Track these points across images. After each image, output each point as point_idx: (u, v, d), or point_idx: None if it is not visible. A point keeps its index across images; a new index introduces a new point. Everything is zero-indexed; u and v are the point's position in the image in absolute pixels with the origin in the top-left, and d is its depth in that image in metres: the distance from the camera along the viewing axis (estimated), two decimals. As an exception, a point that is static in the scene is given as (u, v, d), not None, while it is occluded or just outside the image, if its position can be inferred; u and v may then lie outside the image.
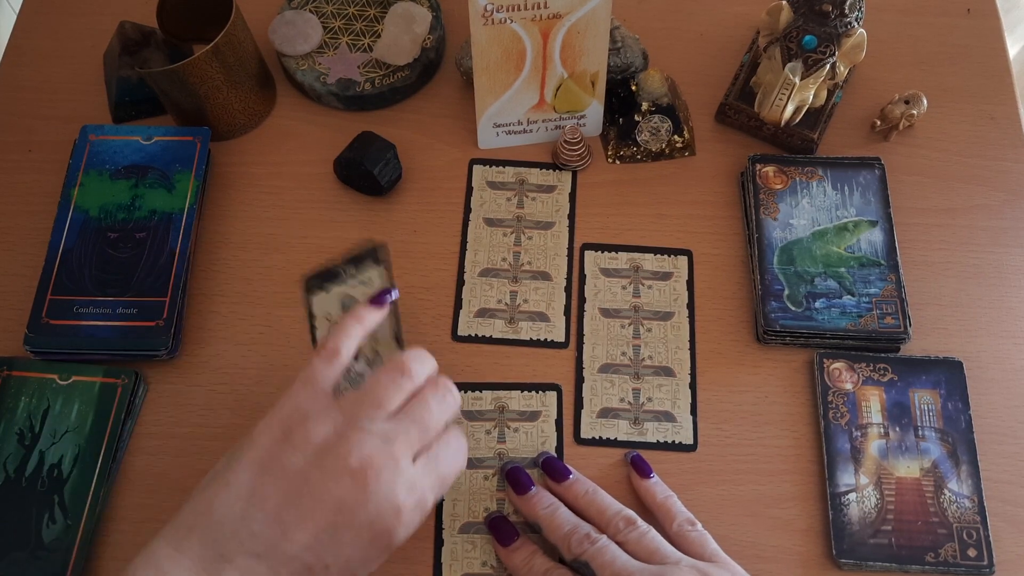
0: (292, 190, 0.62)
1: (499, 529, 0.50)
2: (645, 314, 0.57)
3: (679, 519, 0.49)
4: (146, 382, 0.55)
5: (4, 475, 0.51)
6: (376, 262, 0.48)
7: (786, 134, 0.62)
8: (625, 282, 0.58)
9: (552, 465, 0.51)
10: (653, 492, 0.50)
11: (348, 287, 0.48)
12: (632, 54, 0.63)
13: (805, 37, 0.55)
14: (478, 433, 0.54)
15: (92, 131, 0.61)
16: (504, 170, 0.63)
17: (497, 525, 0.50)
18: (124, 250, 0.57)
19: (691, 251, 0.59)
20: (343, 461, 0.40)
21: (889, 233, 0.58)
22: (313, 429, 0.41)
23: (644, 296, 0.58)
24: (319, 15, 0.66)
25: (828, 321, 0.55)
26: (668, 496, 0.50)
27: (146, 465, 0.53)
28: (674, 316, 0.57)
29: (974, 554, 0.50)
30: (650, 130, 0.61)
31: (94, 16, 0.69)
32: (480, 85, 0.59)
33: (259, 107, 0.63)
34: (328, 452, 0.40)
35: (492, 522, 0.50)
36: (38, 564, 0.49)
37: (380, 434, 0.41)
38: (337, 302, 0.48)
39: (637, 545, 0.46)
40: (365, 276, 0.48)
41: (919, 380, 0.55)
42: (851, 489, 0.52)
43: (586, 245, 0.59)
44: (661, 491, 0.51)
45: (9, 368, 0.54)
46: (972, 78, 0.67)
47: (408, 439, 0.42)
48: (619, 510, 0.48)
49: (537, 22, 0.55)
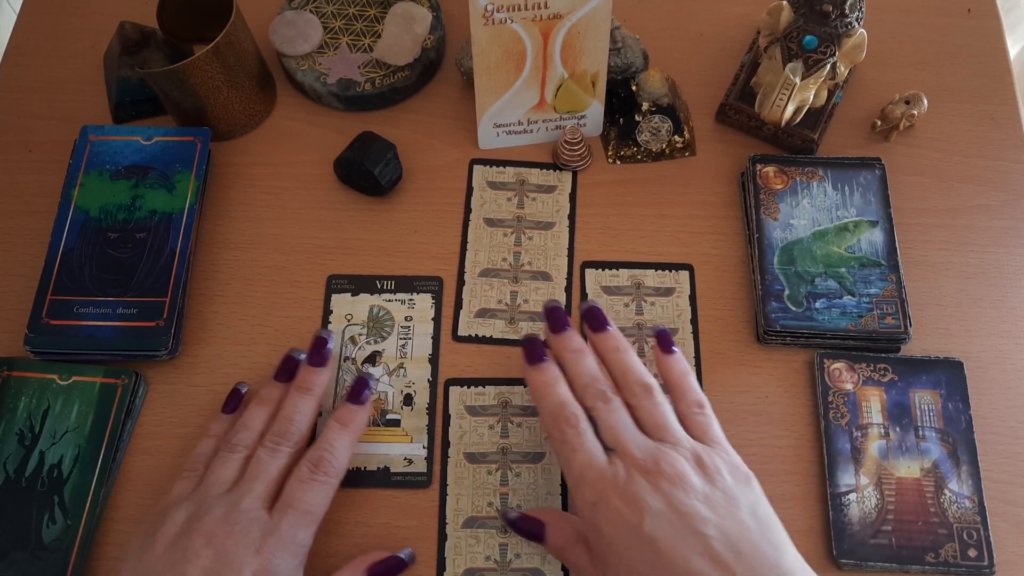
0: (292, 190, 0.62)
1: (530, 347, 0.49)
2: (649, 332, 0.57)
3: (689, 399, 0.48)
4: (146, 382, 0.55)
5: (4, 475, 0.51)
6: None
7: (786, 134, 0.62)
8: (627, 299, 0.58)
9: (594, 314, 0.50)
10: (670, 367, 0.50)
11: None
12: (632, 54, 0.63)
13: (805, 37, 0.55)
14: (481, 428, 0.54)
15: (92, 131, 0.61)
16: (504, 170, 0.63)
17: (530, 343, 0.50)
18: (124, 250, 0.57)
19: (692, 265, 0.59)
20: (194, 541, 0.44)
21: (889, 233, 0.58)
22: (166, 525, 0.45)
23: (647, 313, 0.58)
24: (319, 15, 0.66)
25: (828, 321, 0.55)
26: (685, 374, 0.50)
27: (146, 465, 0.53)
28: (679, 332, 0.57)
29: (974, 554, 0.50)
30: (650, 130, 0.61)
31: (94, 16, 0.69)
32: (480, 85, 0.59)
33: (259, 107, 0.63)
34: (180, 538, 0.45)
35: (526, 340, 0.50)
36: (38, 564, 0.49)
37: (224, 505, 0.45)
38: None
39: (647, 415, 0.47)
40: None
41: (919, 380, 0.55)
42: (851, 489, 0.52)
43: (586, 263, 0.59)
44: (680, 368, 0.50)
45: (9, 368, 0.54)
46: (972, 78, 0.67)
47: (252, 496, 0.46)
48: (641, 376, 0.48)
49: (537, 22, 0.55)
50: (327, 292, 0.58)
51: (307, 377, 0.52)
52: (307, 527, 0.46)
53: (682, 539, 0.42)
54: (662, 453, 0.45)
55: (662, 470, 0.44)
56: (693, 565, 0.41)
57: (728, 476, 0.44)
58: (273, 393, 0.52)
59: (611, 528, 0.43)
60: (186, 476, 0.49)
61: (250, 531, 0.44)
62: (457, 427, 0.54)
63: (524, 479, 0.53)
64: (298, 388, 0.51)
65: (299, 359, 0.53)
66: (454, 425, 0.54)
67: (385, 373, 0.55)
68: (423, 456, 0.53)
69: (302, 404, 0.50)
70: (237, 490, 0.47)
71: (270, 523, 0.45)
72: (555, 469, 0.53)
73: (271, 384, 0.52)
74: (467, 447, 0.53)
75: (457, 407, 0.55)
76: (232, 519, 0.45)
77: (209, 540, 0.44)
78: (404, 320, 0.57)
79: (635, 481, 0.44)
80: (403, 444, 0.53)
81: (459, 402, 0.55)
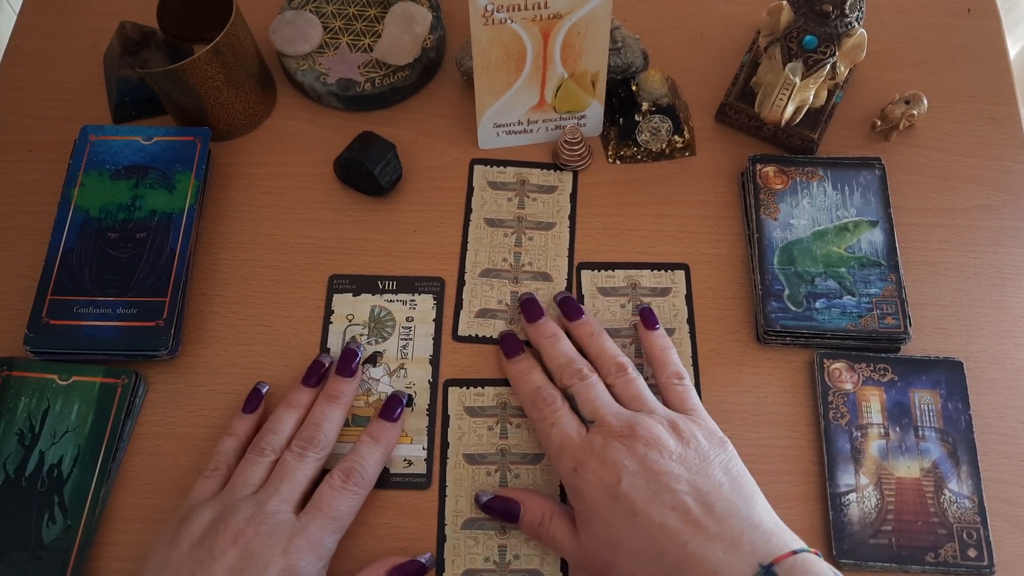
0: (292, 190, 0.62)
1: (507, 342, 0.54)
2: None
3: (668, 371, 0.52)
4: (146, 382, 0.55)
5: (4, 475, 0.51)
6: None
7: (786, 134, 0.62)
8: (624, 300, 0.58)
9: (568, 304, 0.55)
10: (653, 342, 0.53)
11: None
12: (632, 54, 0.63)
13: (805, 37, 0.55)
14: (480, 429, 0.54)
15: (92, 131, 0.61)
16: (505, 170, 0.63)
17: (507, 339, 0.55)
18: (124, 250, 0.57)
19: (688, 265, 0.59)
20: (221, 539, 0.45)
21: (889, 233, 0.58)
22: (192, 524, 0.46)
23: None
24: (319, 15, 0.66)
25: (828, 321, 0.55)
26: (666, 348, 0.53)
27: (146, 465, 0.53)
28: (675, 332, 0.57)
29: (974, 554, 0.50)
30: (650, 130, 0.61)
31: (94, 16, 0.69)
32: (480, 85, 0.59)
33: (259, 107, 0.63)
34: (207, 537, 0.45)
35: (503, 336, 0.55)
36: (38, 564, 0.49)
37: (251, 507, 0.46)
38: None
39: (622, 390, 0.50)
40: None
41: (919, 380, 0.55)
42: (851, 489, 0.52)
43: (582, 264, 0.59)
44: (661, 343, 0.53)
45: (9, 368, 0.54)
46: (972, 78, 0.67)
47: (279, 498, 0.47)
48: (615, 355, 0.52)
49: (537, 22, 0.55)
50: (328, 292, 0.58)
51: (336, 387, 0.52)
52: (334, 533, 0.47)
53: (656, 495, 0.44)
54: (638, 419, 0.47)
55: (637, 434, 0.46)
56: (666, 519, 0.43)
57: (703, 439, 0.47)
58: (301, 398, 0.52)
59: (591, 491, 0.46)
60: (209, 475, 0.50)
61: (277, 531, 0.45)
62: (456, 428, 0.54)
63: (523, 480, 0.53)
64: (327, 396, 0.52)
65: (326, 364, 0.54)
66: (453, 426, 0.54)
67: (386, 374, 0.55)
68: (423, 457, 0.53)
69: (331, 412, 0.51)
70: (264, 492, 0.47)
71: (298, 524, 0.46)
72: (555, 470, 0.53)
73: (299, 388, 0.53)
74: (466, 448, 0.53)
75: (456, 408, 0.55)
76: (259, 519, 0.45)
77: (236, 539, 0.44)
78: (405, 321, 0.57)
79: (612, 446, 0.46)
80: (403, 445, 0.53)
81: (458, 403, 0.55)
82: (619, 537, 0.44)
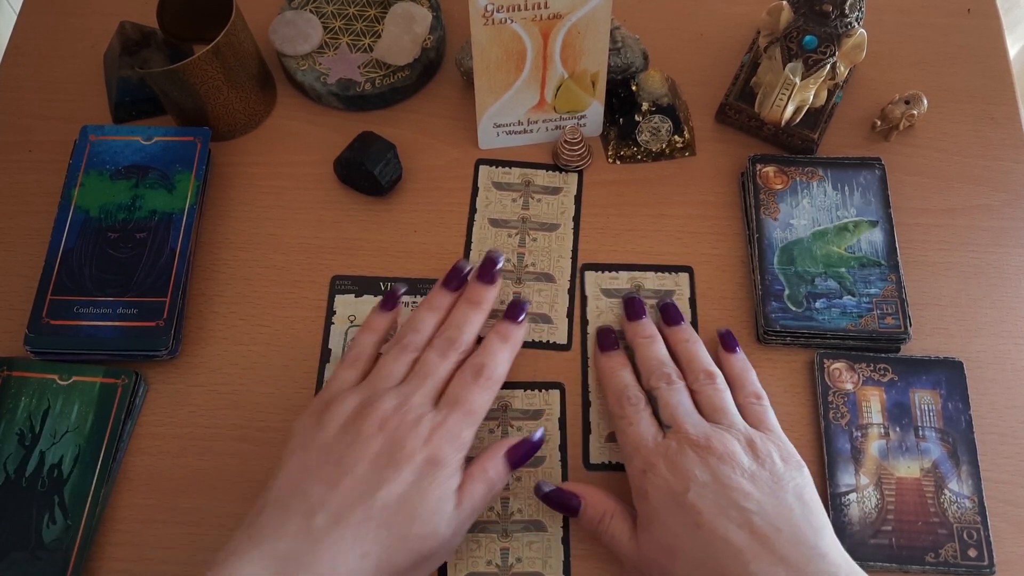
0: (292, 190, 0.62)
1: (604, 337, 0.55)
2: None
3: (748, 390, 0.52)
4: (146, 382, 0.55)
5: (4, 475, 0.51)
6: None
7: (786, 134, 0.62)
8: None
9: (668, 310, 0.56)
10: (732, 363, 0.54)
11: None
12: (632, 54, 0.63)
13: (805, 37, 0.55)
14: (482, 432, 0.54)
15: (92, 131, 0.61)
16: (510, 171, 0.63)
17: (603, 333, 0.56)
18: (124, 250, 0.57)
19: (692, 267, 0.59)
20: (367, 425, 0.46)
21: (889, 233, 0.58)
22: (337, 409, 0.47)
23: (649, 316, 0.57)
24: (319, 15, 0.66)
25: (828, 321, 0.55)
26: (746, 370, 0.53)
27: (146, 465, 0.53)
28: None
29: (974, 554, 0.50)
30: (650, 130, 0.61)
31: (94, 16, 0.69)
32: (480, 85, 0.59)
33: (259, 107, 0.63)
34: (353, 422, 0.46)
35: (600, 330, 0.56)
36: (38, 564, 0.49)
37: (396, 398, 0.47)
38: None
39: (707, 399, 0.50)
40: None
41: (919, 380, 0.55)
42: (851, 489, 0.52)
43: (586, 265, 0.59)
44: (740, 364, 0.54)
45: (9, 368, 0.54)
46: (972, 78, 0.67)
47: (423, 392, 0.48)
48: (706, 364, 0.52)
49: (537, 22, 0.55)
50: (331, 293, 0.58)
51: (478, 291, 0.53)
52: (471, 426, 0.48)
53: (723, 510, 0.44)
54: (715, 432, 0.47)
55: (712, 447, 0.46)
56: (731, 535, 0.43)
57: (779, 461, 0.46)
58: (442, 301, 0.53)
59: (657, 494, 0.46)
60: (350, 365, 0.51)
61: (421, 423, 0.46)
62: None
63: (525, 483, 0.53)
64: (468, 300, 0.53)
65: (466, 269, 0.54)
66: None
67: None
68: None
69: (472, 315, 0.52)
70: (407, 386, 0.48)
71: (439, 416, 0.47)
72: (556, 472, 0.53)
73: (439, 291, 0.54)
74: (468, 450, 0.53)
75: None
76: (404, 410, 0.46)
77: (383, 425, 0.46)
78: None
79: (685, 453, 0.46)
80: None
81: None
82: (679, 545, 0.44)
